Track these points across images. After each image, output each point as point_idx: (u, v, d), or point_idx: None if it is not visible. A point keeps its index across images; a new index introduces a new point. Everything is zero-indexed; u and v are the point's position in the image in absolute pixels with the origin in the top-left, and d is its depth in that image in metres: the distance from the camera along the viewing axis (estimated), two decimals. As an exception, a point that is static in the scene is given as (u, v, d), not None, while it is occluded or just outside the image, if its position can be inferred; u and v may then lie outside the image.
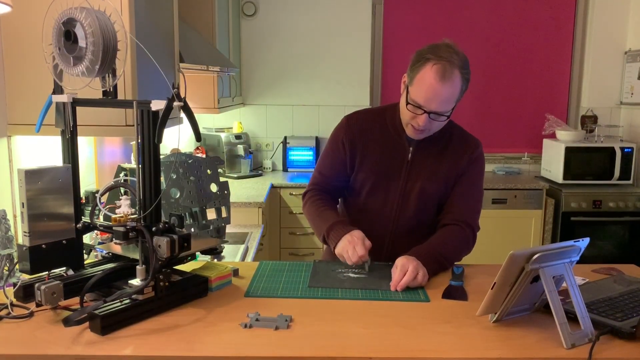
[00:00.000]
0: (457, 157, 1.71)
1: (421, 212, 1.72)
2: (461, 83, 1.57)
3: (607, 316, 1.21)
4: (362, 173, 1.73)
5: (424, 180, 1.70)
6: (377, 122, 1.75)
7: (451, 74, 1.53)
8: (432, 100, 1.55)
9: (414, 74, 1.58)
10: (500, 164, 4.47)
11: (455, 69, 1.54)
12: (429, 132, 1.65)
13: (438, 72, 1.52)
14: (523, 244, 3.91)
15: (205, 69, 2.57)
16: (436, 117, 1.58)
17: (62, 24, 1.26)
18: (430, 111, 1.56)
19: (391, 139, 1.72)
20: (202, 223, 1.92)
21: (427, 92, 1.54)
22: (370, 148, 1.72)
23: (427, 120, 1.58)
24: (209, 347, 1.10)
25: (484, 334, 1.18)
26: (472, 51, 4.36)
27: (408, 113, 1.61)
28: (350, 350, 1.10)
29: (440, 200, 1.74)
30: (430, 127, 1.62)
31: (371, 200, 1.74)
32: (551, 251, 1.15)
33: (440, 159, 1.71)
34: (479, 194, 1.76)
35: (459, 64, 1.55)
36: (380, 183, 1.72)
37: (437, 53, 1.55)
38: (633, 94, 4.13)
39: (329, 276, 1.53)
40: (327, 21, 4.28)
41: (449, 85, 1.53)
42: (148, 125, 1.23)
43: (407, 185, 1.71)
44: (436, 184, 1.71)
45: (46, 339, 1.13)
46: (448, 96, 1.55)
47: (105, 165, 2.37)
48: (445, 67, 1.53)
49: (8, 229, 1.56)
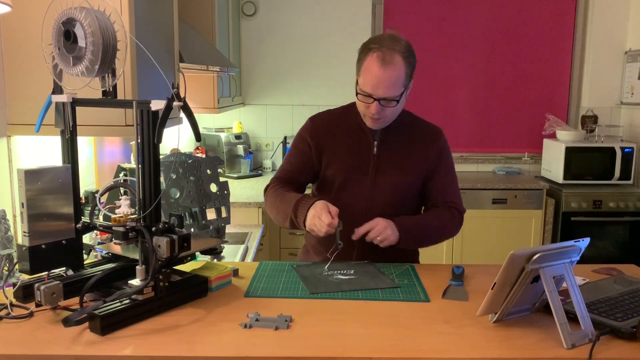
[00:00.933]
0: (424, 147, 1.78)
1: (394, 205, 1.74)
2: (404, 67, 1.63)
3: (607, 316, 1.21)
4: (331, 170, 1.76)
5: (394, 172, 1.74)
6: (341, 121, 1.80)
7: (392, 59, 1.60)
8: (378, 87, 1.62)
9: (359, 65, 1.67)
10: (500, 164, 4.47)
11: (395, 54, 1.61)
12: (386, 120, 1.71)
13: (379, 59, 1.60)
14: (523, 244, 3.91)
15: (205, 69, 2.56)
16: (387, 103, 1.64)
17: (61, 24, 1.26)
18: (380, 97, 1.63)
19: (356, 135, 1.77)
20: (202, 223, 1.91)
21: (372, 79, 1.62)
22: (337, 145, 1.77)
23: (379, 108, 1.64)
24: (209, 347, 1.10)
25: (484, 334, 1.18)
26: (472, 51, 4.38)
27: (361, 104, 1.68)
28: (350, 350, 1.10)
29: (413, 191, 1.78)
30: (384, 114, 1.67)
31: (342, 196, 1.75)
32: (551, 251, 1.15)
33: (407, 151, 1.76)
34: (456, 179, 1.86)
35: (400, 50, 1.62)
36: (350, 178, 1.75)
37: (378, 42, 1.64)
38: (633, 94, 4.13)
39: (320, 280, 1.51)
40: (327, 21, 4.28)
41: (391, 69, 1.60)
42: (148, 125, 1.23)
43: (376, 178, 1.74)
44: (406, 175, 1.75)
45: (46, 339, 1.13)
46: (392, 80, 1.61)
47: (105, 165, 2.37)
48: (385, 54, 1.60)
49: (8, 229, 1.56)
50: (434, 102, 4.42)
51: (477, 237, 3.95)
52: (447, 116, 4.43)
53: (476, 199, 3.94)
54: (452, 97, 4.42)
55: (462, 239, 3.96)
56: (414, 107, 5.06)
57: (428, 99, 4.42)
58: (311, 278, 1.53)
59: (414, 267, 1.64)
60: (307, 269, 1.62)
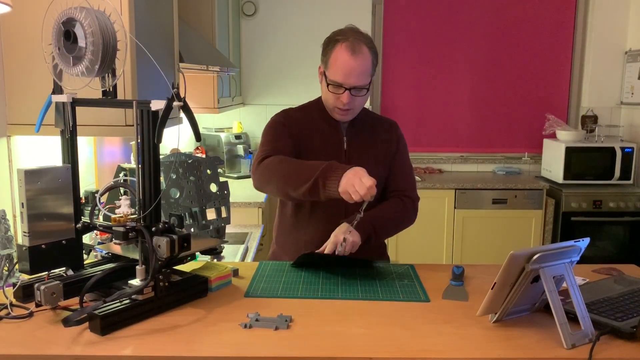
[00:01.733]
0: (387, 138, 1.83)
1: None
2: (371, 57, 1.68)
3: (607, 316, 1.21)
4: None
5: (365, 165, 1.68)
6: (311, 117, 1.81)
7: (360, 48, 1.65)
8: (349, 75, 1.65)
9: (327, 58, 1.70)
10: (500, 164, 4.47)
11: (362, 45, 1.66)
12: (354, 112, 1.75)
13: (349, 48, 1.65)
14: (523, 244, 3.91)
15: (205, 69, 2.56)
16: (357, 92, 1.68)
17: (61, 24, 1.26)
18: (351, 86, 1.66)
19: (326, 131, 1.78)
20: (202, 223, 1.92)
21: (343, 68, 1.65)
22: (310, 141, 1.77)
23: (350, 97, 1.68)
24: (209, 347, 1.10)
25: (484, 334, 1.18)
26: (472, 51, 4.38)
27: (331, 96, 1.70)
28: (350, 350, 1.10)
29: (382, 182, 1.81)
30: (354, 104, 1.71)
31: None
32: (551, 251, 1.15)
33: (374, 143, 1.81)
34: (411, 168, 1.91)
35: (365, 41, 1.68)
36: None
37: (343, 34, 1.68)
38: (633, 94, 4.13)
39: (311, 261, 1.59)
40: (327, 21, 4.28)
41: (361, 58, 1.65)
42: (148, 125, 1.23)
43: None
44: (375, 167, 1.74)
45: (46, 339, 1.13)
46: (363, 69, 1.65)
47: (105, 165, 2.37)
48: (353, 43, 1.65)
49: (8, 229, 1.56)
50: (434, 102, 4.43)
51: (477, 237, 3.95)
52: (447, 116, 4.44)
53: (476, 199, 3.94)
54: (452, 97, 4.42)
55: (462, 239, 3.96)
56: (414, 106, 5.06)
57: (428, 99, 4.43)
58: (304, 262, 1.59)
59: (414, 267, 1.64)
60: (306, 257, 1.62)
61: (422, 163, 4.46)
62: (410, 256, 3.79)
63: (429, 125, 4.46)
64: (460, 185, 3.92)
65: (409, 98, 4.44)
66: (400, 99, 4.44)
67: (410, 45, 4.39)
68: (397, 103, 4.44)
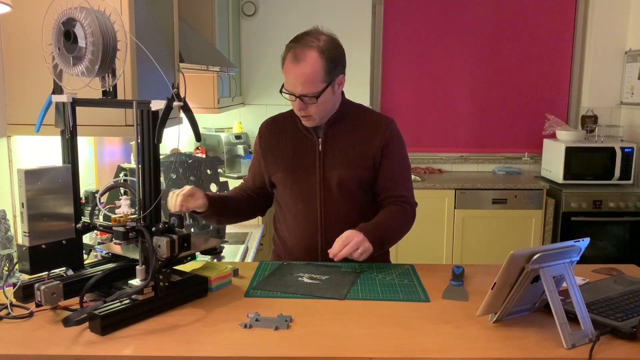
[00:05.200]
0: (368, 139, 1.73)
1: (346, 200, 1.73)
2: (321, 62, 1.60)
3: (607, 316, 1.21)
4: (279, 172, 1.76)
5: (340, 168, 1.72)
6: (286, 123, 1.81)
7: (304, 55, 1.59)
8: (295, 84, 1.62)
9: (282, 65, 1.66)
10: (500, 164, 4.47)
11: (309, 50, 1.60)
12: (317, 118, 1.70)
13: (292, 56, 1.61)
14: (523, 244, 3.91)
15: (205, 69, 2.56)
16: (308, 100, 1.63)
17: (61, 24, 1.26)
18: (300, 94, 1.62)
19: (300, 135, 1.77)
20: (202, 223, 1.92)
21: (288, 77, 1.63)
22: (282, 147, 1.77)
23: (302, 105, 1.64)
24: (209, 347, 1.10)
25: (484, 334, 1.18)
26: (471, 51, 4.38)
27: (292, 104, 1.70)
28: (350, 350, 1.10)
29: (363, 184, 1.75)
30: (310, 111, 1.67)
31: (294, 196, 1.75)
32: (551, 251, 1.15)
33: (351, 145, 1.74)
34: (407, 171, 1.81)
35: (317, 45, 1.61)
36: (298, 178, 1.74)
37: (296, 40, 1.64)
38: (633, 94, 4.13)
39: (281, 280, 1.50)
40: (327, 21, 4.24)
41: (303, 65, 1.59)
42: (148, 125, 1.23)
43: (324, 175, 1.73)
44: (354, 169, 1.73)
45: (46, 339, 1.13)
46: (307, 76, 1.60)
47: (105, 165, 2.37)
48: (296, 51, 1.60)
49: (8, 229, 1.56)
50: (434, 102, 4.42)
51: (477, 237, 3.95)
52: (447, 116, 4.43)
53: (476, 199, 3.94)
54: (452, 97, 4.42)
55: (462, 239, 3.96)
56: (414, 106, 5.06)
57: (428, 99, 4.42)
58: (277, 276, 1.53)
59: (414, 267, 1.64)
60: (289, 268, 1.61)
61: (422, 163, 4.46)
62: (410, 256, 3.79)
63: (429, 125, 4.46)
64: (460, 185, 3.92)
65: (409, 98, 4.44)
66: (400, 99, 4.44)
67: (410, 45, 4.39)
68: (397, 103, 4.44)
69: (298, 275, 1.53)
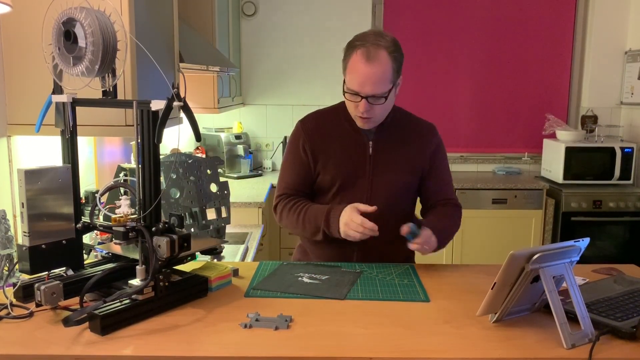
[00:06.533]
0: (419, 144, 1.76)
1: (391, 205, 1.72)
2: (391, 62, 1.60)
3: (607, 316, 1.21)
4: (328, 175, 1.73)
5: (391, 172, 1.72)
6: (332, 122, 1.77)
7: (376, 54, 1.57)
8: (364, 84, 1.59)
9: (345, 64, 1.64)
10: (500, 164, 4.47)
11: (380, 50, 1.58)
12: (376, 120, 1.69)
13: (364, 55, 1.58)
14: (523, 244, 3.91)
15: (205, 69, 2.56)
16: (375, 100, 1.61)
17: (61, 24, 1.26)
18: (367, 95, 1.60)
19: (350, 136, 1.74)
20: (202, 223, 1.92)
21: (358, 76, 1.59)
22: (331, 148, 1.74)
23: (368, 106, 1.61)
24: (209, 347, 1.10)
25: (484, 334, 1.18)
26: (472, 51, 4.38)
27: (350, 104, 1.66)
28: (350, 350, 1.10)
29: (410, 189, 1.76)
30: (373, 112, 1.65)
31: (340, 199, 1.73)
32: (551, 251, 1.15)
33: (403, 150, 1.74)
34: (451, 175, 1.85)
35: (385, 45, 1.59)
36: (347, 181, 1.72)
37: (362, 39, 1.61)
38: (633, 94, 4.13)
39: (282, 279, 1.49)
40: (327, 21, 4.28)
41: (376, 65, 1.57)
42: (148, 125, 1.23)
43: (373, 179, 1.72)
44: (403, 174, 1.73)
45: (46, 339, 1.13)
46: (379, 76, 1.58)
47: (105, 165, 2.37)
48: (369, 50, 1.58)
49: (8, 229, 1.56)
50: (434, 102, 4.42)
51: (477, 237, 3.95)
52: (447, 116, 4.43)
53: (476, 199, 3.94)
54: (452, 97, 4.42)
55: (462, 239, 3.96)
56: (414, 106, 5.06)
57: (428, 99, 4.42)
58: (278, 276, 1.53)
59: (414, 267, 1.64)
60: (290, 268, 1.60)
61: (422, 163, 4.46)
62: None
63: (428, 125, 4.46)
64: (460, 185, 3.92)
65: (409, 98, 4.44)
66: (400, 99, 4.41)
67: (410, 46, 4.39)
68: (396, 102, 4.43)
69: (298, 275, 1.53)
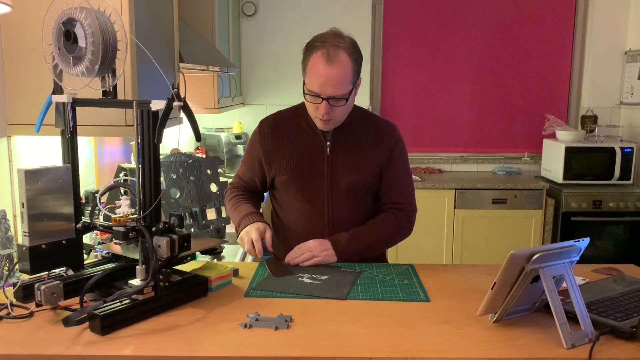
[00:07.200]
0: (376, 145, 1.73)
1: (353, 205, 1.72)
2: (351, 64, 1.58)
3: (607, 316, 1.21)
4: (284, 176, 1.73)
5: (349, 173, 1.71)
6: (291, 123, 1.76)
7: (337, 56, 1.56)
8: (325, 85, 1.57)
9: (305, 65, 1.61)
10: (500, 164, 4.47)
11: (340, 51, 1.56)
12: (337, 121, 1.67)
13: (324, 56, 1.56)
14: (523, 244, 3.91)
15: (205, 69, 2.56)
16: (335, 102, 1.60)
17: (62, 24, 1.26)
18: (328, 96, 1.58)
19: (307, 137, 1.73)
20: (202, 223, 1.92)
21: (318, 78, 1.57)
22: (287, 150, 1.73)
23: (328, 107, 1.60)
24: (209, 347, 1.10)
25: (484, 334, 1.18)
26: (471, 51, 4.38)
27: (311, 106, 1.64)
28: (350, 350, 1.10)
29: (371, 189, 1.76)
30: (334, 114, 1.63)
31: (301, 200, 1.73)
32: (551, 251, 1.15)
33: (360, 150, 1.72)
34: (409, 177, 1.82)
35: (345, 46, 1.58)
36: (305, 182, 1.72)
37: (322, 40, 1.59)
38: (633, 94, 4.13)
39: (281, 280, 1.49)
40: (327, 21, 4.26)
41: (337, 66, 1.56)
42: (148, 125, 1.23)
43: (332, 180, 1.71)
44: (362, 174, 1.72)
45: (46, 339, 1.13)
46: (339, 78, 1.57)
47: (105, 165, 2.37)
48: (329, 51, 1.56)
49: (8, 229, 1.56)
50: (434, 102, 4.42)
51: (477, 237, 3.95)
52: (447, 116, 4.44)
53: (476, 199, 3.94)
54: (452, 97, 4.42)
55: (462, 239, 3.96)
56: (414, 106, 5.06)
57: (428, 99, 4.42)
58: (278, 273, 1.54)
59: (414, 267, 1.64)
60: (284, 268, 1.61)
61: (422, 163, 4.46)
62: (410, 256, 3.79)
63: (428, 125, 4.46)
64: (460, 185, 3.92)
65: (409, 98, 4.44)
66: (400, 99, 4.44)
67: (410, 45, 4.39)
68: (397, 103, 4.44)
69: (298, 276, 1.53)
